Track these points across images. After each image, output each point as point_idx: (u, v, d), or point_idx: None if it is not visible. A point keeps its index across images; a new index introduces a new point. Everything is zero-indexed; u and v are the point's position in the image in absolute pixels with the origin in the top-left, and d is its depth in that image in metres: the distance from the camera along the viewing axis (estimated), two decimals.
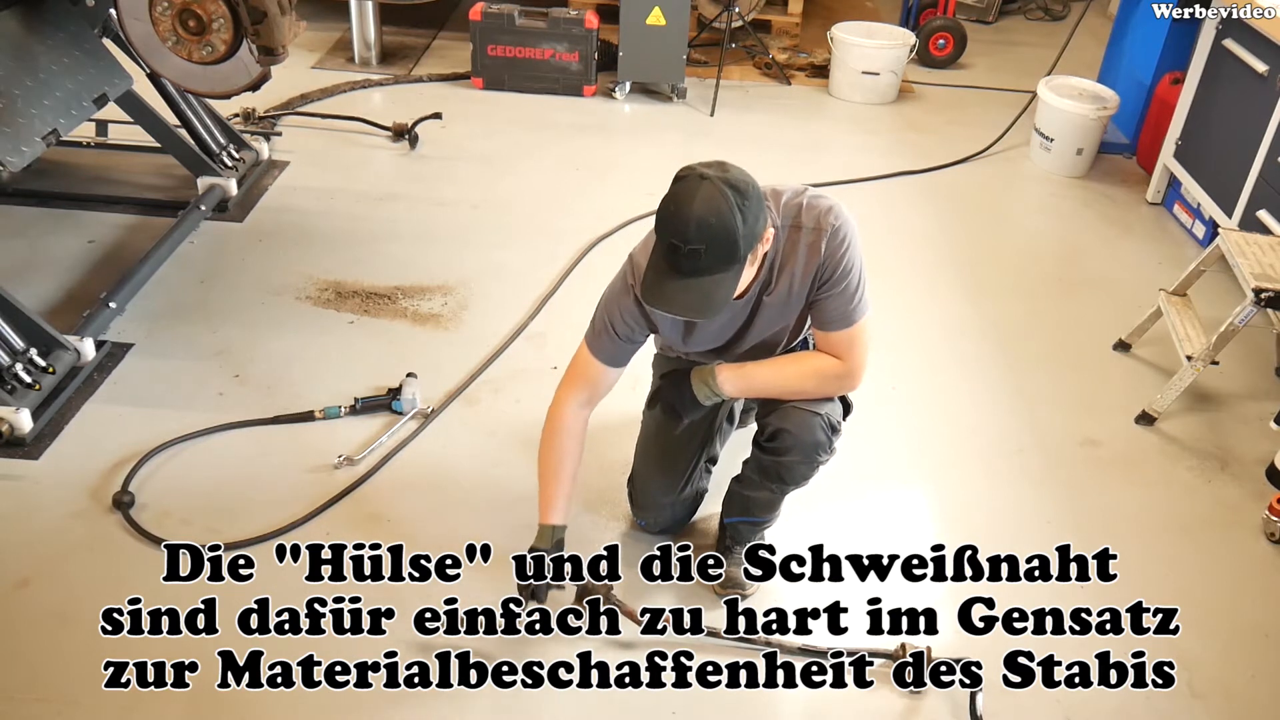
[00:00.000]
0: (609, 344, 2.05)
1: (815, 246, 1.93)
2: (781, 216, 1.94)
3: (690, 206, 1.71)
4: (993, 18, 6.50)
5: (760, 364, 2.07)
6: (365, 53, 5.11)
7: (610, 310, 2.02)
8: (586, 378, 2.09)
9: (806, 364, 2.06)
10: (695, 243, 1.71)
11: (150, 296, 3.15)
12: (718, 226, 1.71)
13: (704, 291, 1.76)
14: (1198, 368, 2.85)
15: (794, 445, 2.08)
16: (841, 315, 1.98)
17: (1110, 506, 2.64)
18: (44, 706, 1.96)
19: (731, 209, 1.71)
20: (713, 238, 1.71)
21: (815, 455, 2.10)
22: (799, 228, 1.94)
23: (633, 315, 2.00)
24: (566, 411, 2.10)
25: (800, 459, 2.10)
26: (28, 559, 2.26)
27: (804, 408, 2.06)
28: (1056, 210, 4.23)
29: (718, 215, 1.71)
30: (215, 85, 3.06)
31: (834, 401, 2.12)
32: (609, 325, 2.02)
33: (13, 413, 2.52)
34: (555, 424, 2.11)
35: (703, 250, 1.71)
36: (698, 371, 2.07)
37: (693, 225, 1.70)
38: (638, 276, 1.93)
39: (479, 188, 3.99)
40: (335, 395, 2.78)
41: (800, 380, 2.06)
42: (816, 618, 2.26)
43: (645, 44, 4.78)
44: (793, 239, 1.94)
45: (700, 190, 1.72)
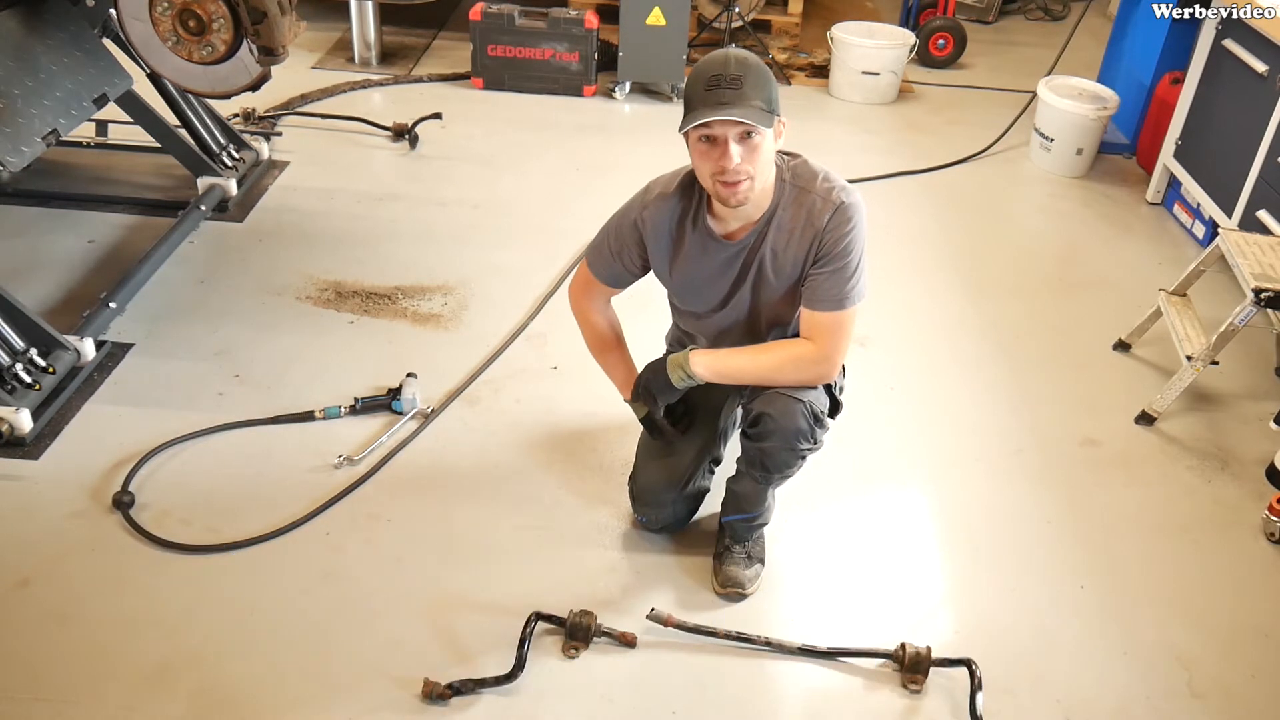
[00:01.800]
0: (602, 259, 2.18)
1: (817, 215, 1.97)
2: (795, 176, 1.99)
3: (727, 52, 1.88)
4: (993, 18, 6.50)
5: (735, 350, 2.11)
6: (365, 53, 5.11)
7: (609, 226, 2.15)
8: (589, 290, 2.27)
9: (782, 350, 2.09)
10: (736, 70, 1.84)
11: (150, 296, 3.15)
12: (754, 63, 1.87)
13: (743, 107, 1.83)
14: (1198, 368, 2.85)
15: (774, 430, 2.09)
16: (832, 296, 2.00)
17: (1110, 506, 2.64)
18: (43, 706, 1.96)
19: (750, 60, 1.87)
20: (749, 70, 1.85)
21: (796, 442, 2.11)
22: (808, 192, 1.98)
23: (625, 230, 2.12)
24: (589, 316, 2.30)
25: (781, 444, 2.11)
26: (28, 559, 2.26)
27: (787, 393, 2.08)
28: (1056, 210, 4.23)
29: (754, 59, 1.88)
30: (215, 85, 3.06)
31: (818, 391, 2.12)
32: (605, 239, 2.16)
33: (13, 413, 2.52)
34: (584, 325, 2.32)
35: (743, 78, 1.83)
36: (674, 356, 2.11)
37: (732, 61, 1.85)
38: (649, 193, 2.08)
39: (479, 188, 3.99)
40: (335, 395, 2.78)
41: (775, 365, 2.08)
42: (816, 618, 2.26)
43: (645, 44, 4.78)
44: (799, 201, 1.98)
45: (731, 48, 1.91)
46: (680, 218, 2.08)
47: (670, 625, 2.15)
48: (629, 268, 2.17)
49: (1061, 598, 2.35)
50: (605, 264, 2.19)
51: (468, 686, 2.00)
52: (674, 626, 2.15)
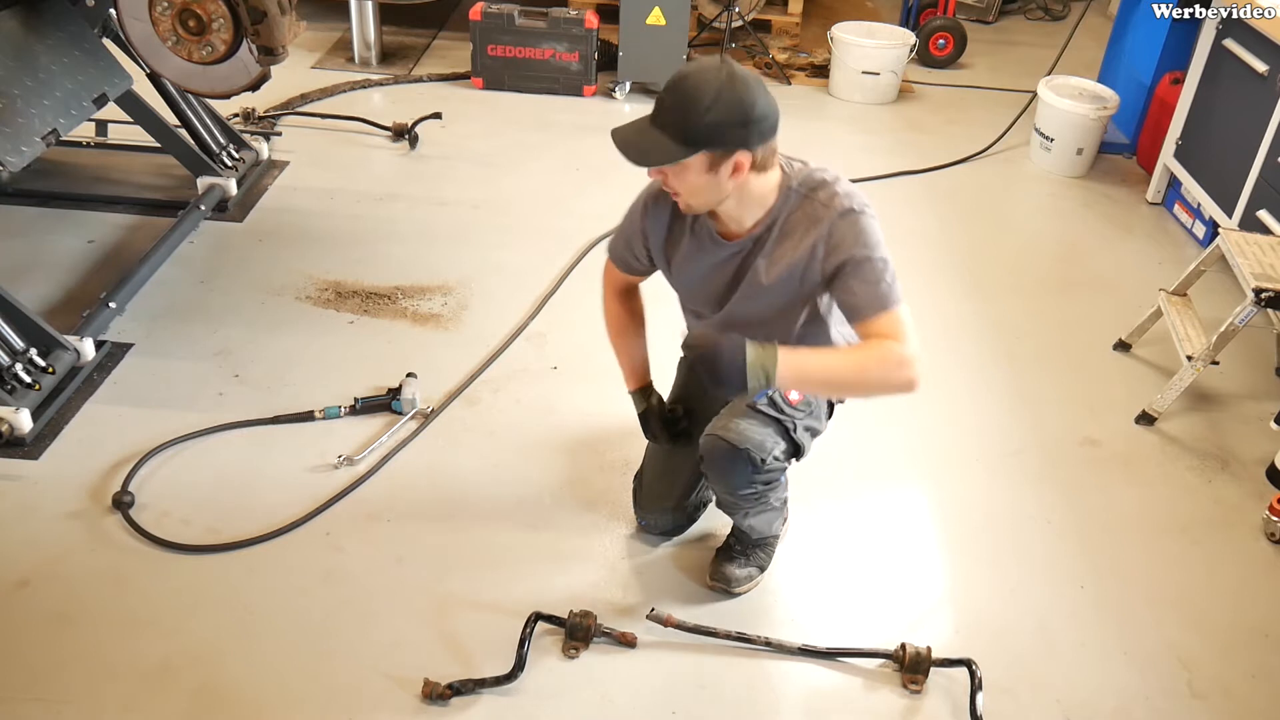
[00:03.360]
0: (617, 245, 2.18)
1: (818, 220, 1.89)
2: (801, 183, 1.92)
3: (687, 67, 1.80)
4: (993, 18, 6.50)
5: (817, 350, 1.95)
6: (365, 53, 5.11)
7: (627, 213, 2.13)
8: (610, 273, 2.26)
9: (865, 349, 1.87)
10: (665, 94, 1.78)
11: (150, 296, 3.15)
12: (687, 91, 1.76)
13: (647, 141, 1.79)
14: (1198, 368, 2.85)
15: (711, 474, 2.10)
16: (873, 297, 1.86)
17: (1110, 506, 2.64)
18: (43, 706, 1.96)
19: (710, 88, 1.74)
20: (678, 98, 1.76)
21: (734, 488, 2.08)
22: (812, 200, 1.91)
23: (634, 217, 2.11)
24: (608, 300, 2.28)
25: (720, 488, 2.13)
26: (28, 559, 2.26)
27: (729, 440, 2.01)
28: (1056, 210, 4.23)
29: (695, 84, 1.75)
30: (215, 85, 3.06)
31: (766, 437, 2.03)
32: (621, 226, 2.15)
33: (13, 413, 2.52)
34: (605, 312, 2.28)
35: (666, 103, 1.78)
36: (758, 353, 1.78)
37: (675, 79, 1.79)
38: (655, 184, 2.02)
39: (479, 188, 3.99)
40: (335, 395, 2.78)
41: (858, 366, 1.86)
42: (816, 618, 2.26)
43: (645, 44, 4.78)
44: (804, 210, 1.92)
45: (707, 62, 1.79)
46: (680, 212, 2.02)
47: (670, 625, 2.15)
48: (638, 257, 2.13)
49: (1061, 598, 2.35)
50: (619, 251, 2.17)
51: (468, 686, 2.00)
52: (674, 626, 2.15)
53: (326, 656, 2.09)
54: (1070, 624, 2.28)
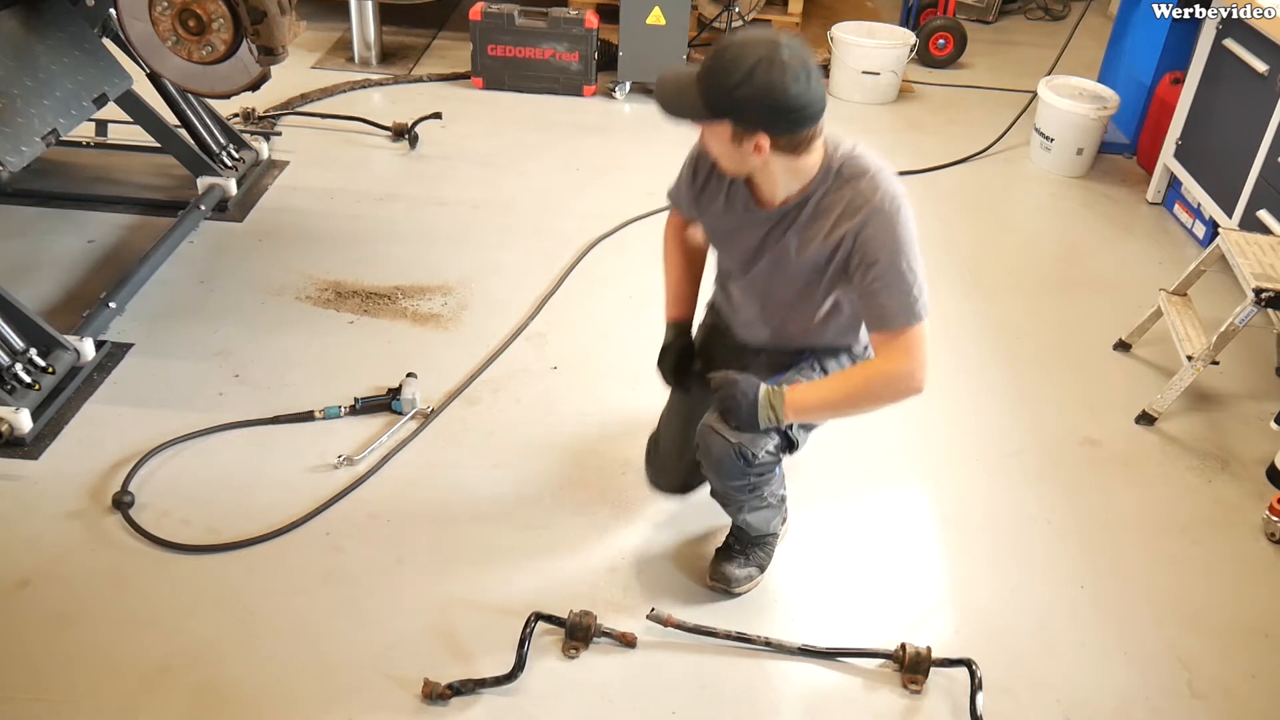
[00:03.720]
0: (673, 186, 2.18)
1: (854, 211, 1.86)
2: (844, 165, 1.90)
3: (739, 35, 1.82)
4: (993, 18, 6.50)
5: (813, 383, 2.04)
6: (365, 53, 5.11)
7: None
8: (672, 215, 2.28)
9: (857, 372, 2.03)
10: (710, 55, 1.79)
11: (150, 296, 3.15)
12: (726, 60, 1.76)
13: (684, 94, 1.81)
14: (1198, 368, 2.85)
15: (705, 466, 2.11)
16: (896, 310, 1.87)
17: (1110, 506, 2.64)
18: (43, 706, 1.96)
19: (745, 64, 1.74)
20: (716, 64, 1.77)
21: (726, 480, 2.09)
22: (853, 187, 1.88)
23: (687, 162, 2.11)
24: (667, 233, 2.29)
25: (714, 480, 2.14)
26: (28, 559, 2.26)
27: (720, 433, 2.02)
28: (1056, 210, 4.23)
29: (734, 56, 1.76)
30: (215, 85, 3.06)
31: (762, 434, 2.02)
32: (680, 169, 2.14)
33: (12, 413, 2.52)
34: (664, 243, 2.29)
35: (708, 64, 1.79)
36: (766, 392, 1.96)
37: (722, 44, 1.79)
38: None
39: (479, 188, 3.99)
40: (335, 395, 2.78)
41: (862, 394, 1.96)
42: (816, 618, 2.26)
43: (645, 44, 4.78)
44: (841, 195, 1.89)
45: (758, 36, 1.78)
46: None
47: (670, 625, 2.15)
48: (685, 200, 2.14)
49: (1061, 598, 2.35)
50: (673, 192, 2.18)
51: (468, 686, 2.00)
52: (674, 626, 2.15)
53: (326, 656, 2.09)
54: (1070, 624, 2.28)
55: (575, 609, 2.15)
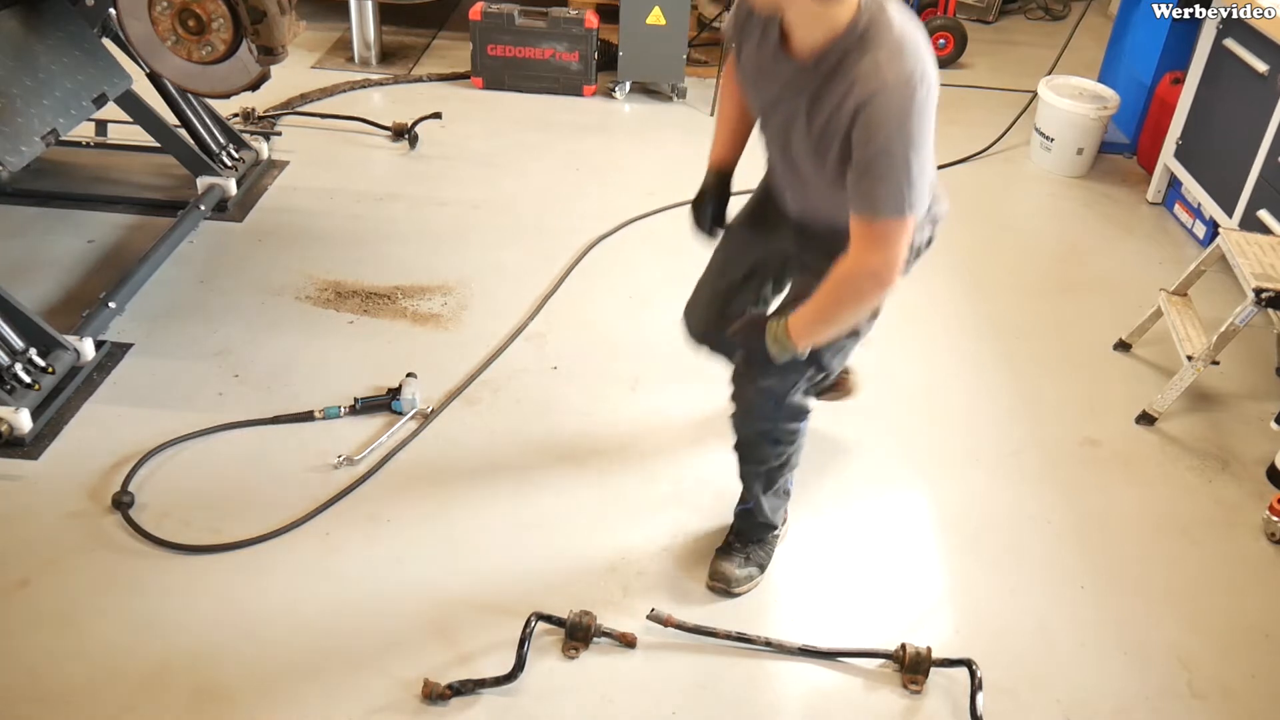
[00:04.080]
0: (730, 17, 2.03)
1: (866, 80, 1.72)
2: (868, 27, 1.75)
3: None
4: (993, 17, 6.50)
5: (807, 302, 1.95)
6: (365, 52, 5.11)
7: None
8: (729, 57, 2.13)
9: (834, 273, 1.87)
10: None
11: (150, 296, 3.15)
12: None
13: None
14: (1198, 368, 2.85)
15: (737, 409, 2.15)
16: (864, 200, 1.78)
17: (1110, 506, 2.64)
18: (43, 706, 1.96)
19: None
20: None
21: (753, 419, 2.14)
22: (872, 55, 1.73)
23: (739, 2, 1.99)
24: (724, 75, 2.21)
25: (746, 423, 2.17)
26: (27, 559, 2.26)
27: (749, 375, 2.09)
28: (1057, 210, 4.22)
29: None
30: (215, 85, 3.06)
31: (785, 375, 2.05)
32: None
33: (12, 413, 2.52)
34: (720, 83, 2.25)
35: None
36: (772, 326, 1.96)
37: None
38: None
39: (479, 188, 3.99)
40: (335, 395, 2.78)
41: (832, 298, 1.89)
42: (816, 618, 2.26)
43: (645, 44, 4.77)
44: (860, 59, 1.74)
45: None
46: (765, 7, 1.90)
47: (670, 625, 2.15)
48: (732, 30, 2.02)
49: (1061, 598, 2.35)
50: (728, 23, 2.04)
51: (468, 686, 2.00)
52: (674, 626, 2.15)
53: (326, 656, 2.09)
54: (1070, 624, 2.28)
55: (575, 609, 2.15)
